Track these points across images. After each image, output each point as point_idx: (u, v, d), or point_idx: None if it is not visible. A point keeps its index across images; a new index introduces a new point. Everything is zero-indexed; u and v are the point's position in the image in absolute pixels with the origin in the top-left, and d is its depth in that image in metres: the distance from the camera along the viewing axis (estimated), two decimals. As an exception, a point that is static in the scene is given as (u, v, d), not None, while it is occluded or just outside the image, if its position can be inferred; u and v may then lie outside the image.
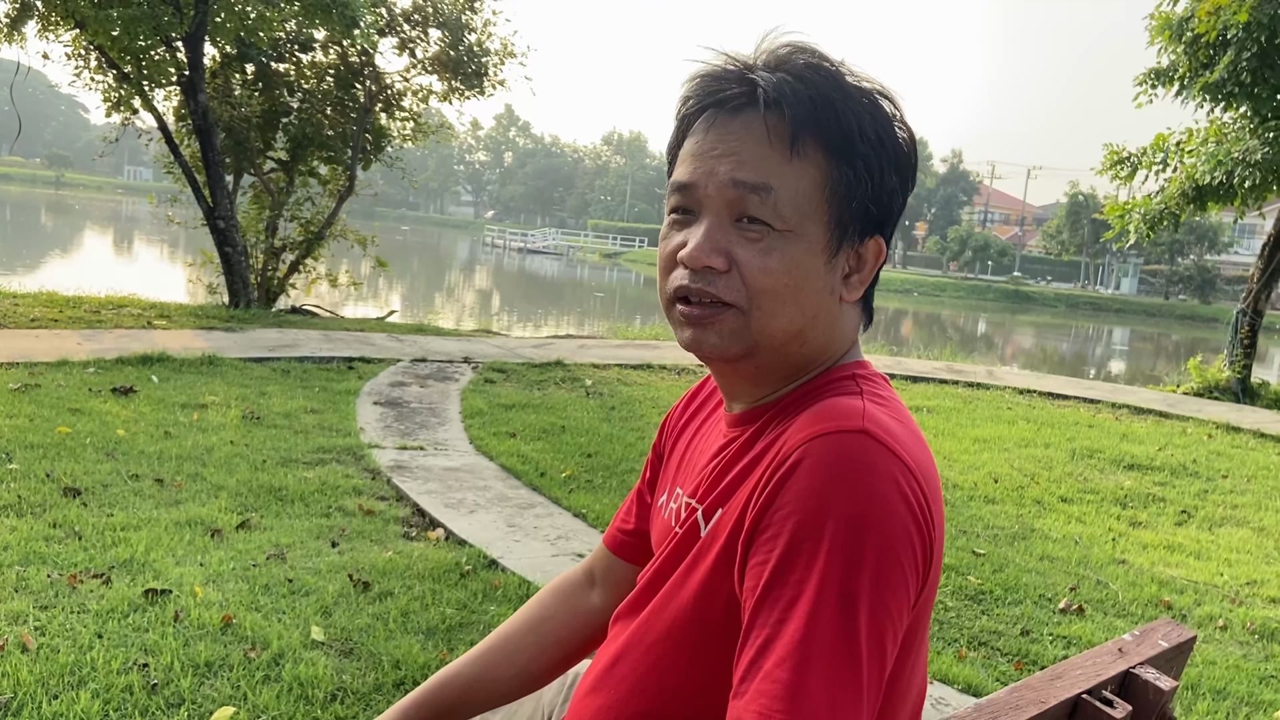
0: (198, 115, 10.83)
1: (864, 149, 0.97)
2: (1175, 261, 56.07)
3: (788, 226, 0.96)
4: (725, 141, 0.98)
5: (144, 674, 2.68)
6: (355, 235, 13.40)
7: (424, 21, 12.85)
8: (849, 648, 0.81)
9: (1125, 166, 12.02)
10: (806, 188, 0.96)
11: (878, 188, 0.99)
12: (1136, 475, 6.67)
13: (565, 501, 4.81)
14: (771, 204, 0.95)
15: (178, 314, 10.13)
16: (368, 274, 20.88)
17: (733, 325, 0.98)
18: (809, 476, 0.87)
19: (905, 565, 0.85)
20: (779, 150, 0.96)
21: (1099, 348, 35.49)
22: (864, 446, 0.87)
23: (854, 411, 0.92)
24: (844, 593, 0.82)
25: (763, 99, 0.96)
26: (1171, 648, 1.42)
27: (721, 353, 1.00)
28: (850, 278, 1.02)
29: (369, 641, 3.02)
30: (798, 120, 0.95)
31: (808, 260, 0.97)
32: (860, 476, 0.85)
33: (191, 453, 4.89)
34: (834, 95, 0.97)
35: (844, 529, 0.83)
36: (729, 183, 0.96)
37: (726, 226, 0.97)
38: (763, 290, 0.96)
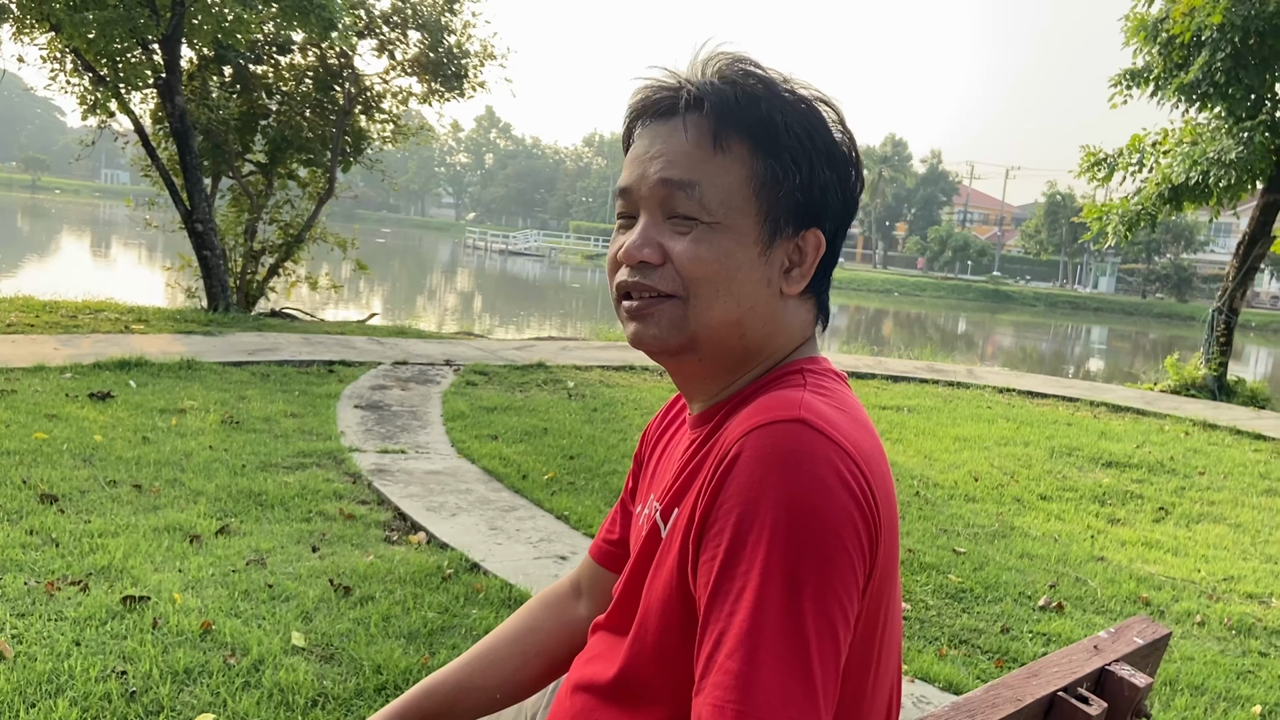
0: (175, 118, 10.77)
1: (790, 142, 1.00)
2: (1152, 260, 56.56)
3: (715, 219, 0.99)
4: (655, 144, 1.02)
5: (122, 682, 2.65)
6: (335, 238, 13.33)
7: (403, 23, 12.81)
8: (797, 633, 0.82)
9: (1102, 168, 12.12)
10: (733, 182, 0.99)
11: (807, 180, 1.01)
12: (1114, 473, 6.72)
13: (548, 504, 4.81)
14: (698, 199, 0.98)
15: (156, 318, 10.05)
16: (348, 277, 20.77)
17: (671, 315, 1.01)
18: (748, 468, 0.88)
19: (850, 548, 0.86)
20: (703, 147, 0.99)
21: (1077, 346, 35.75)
22: (799, 434, 0.88)
23: (791, 402, 0.93)
24: (788, 579, 0.83)
25: (684, 100, 1.01)
26: (1147, 645, 1.43)
27: (662, 344, 1.03)
28: (791, 271, 1.04)
29: (350, 646, 3.00)
30: (720, 116, 0.99)
31: (738, 251, 0.99)
32: (797, 464, 0.86)
33: (170, 458, 4.85)
34: (759, 92, 1.00)
35: (784, 517, 0.84)
36: (657, 182, 1.00)
37: (660, 223, 1.01)
38: (695, 279, 0.99)
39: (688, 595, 0.96)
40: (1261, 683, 3.47)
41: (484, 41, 13.25)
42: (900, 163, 74.05)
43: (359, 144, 13.38)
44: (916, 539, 4.79)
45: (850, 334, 30.19)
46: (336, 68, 13.00)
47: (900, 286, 55.72)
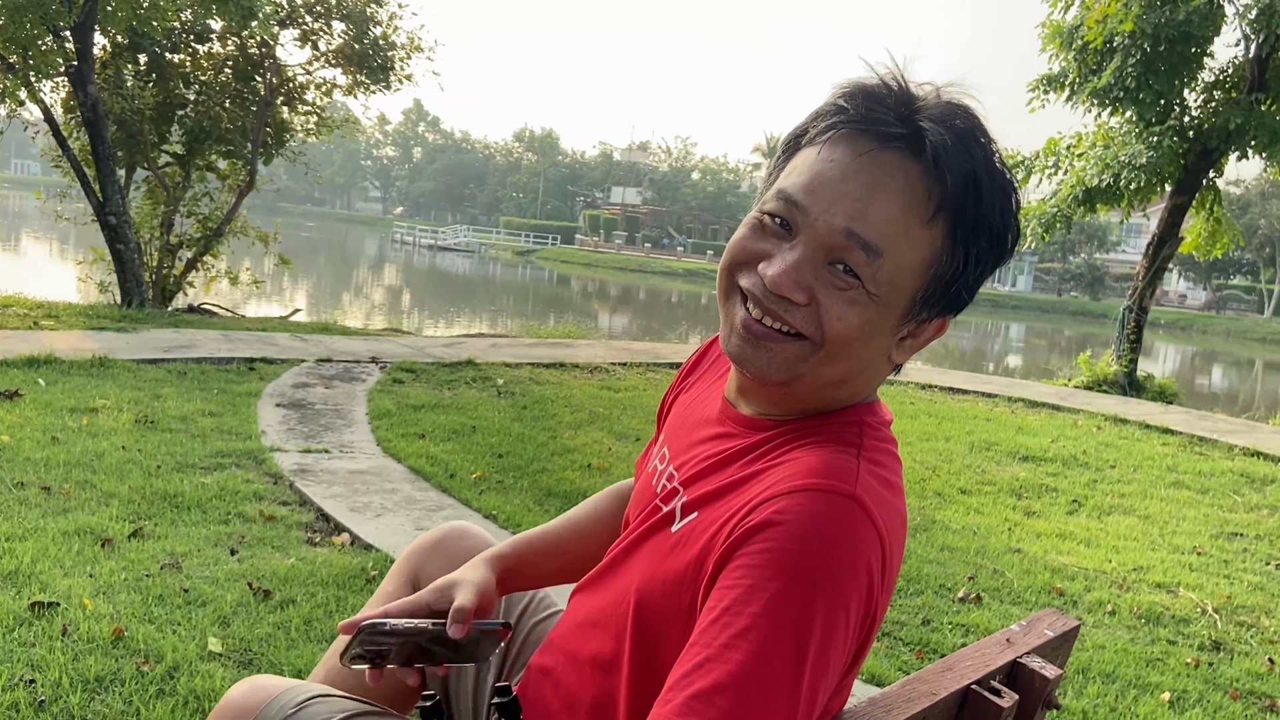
0: (87, 107, 10.41)
1: (984, 241, 0.96)
2: (1067, 260, 58.34)
3: (879, 293, 0.95)
4: (862, 177, 0.93)
5: (30, 690, 2.56)
6: (257, 232, 13.05)
7: (326, 13, 12.58)
8: (791, 690, 0.84)
9: (1020, 170, 12.48)
10: (914, 261, 0.95)
11: (976, 279, 0.99)
12: (1031, 466, 6.92)
13: (476, 503, 4.77)
14: (874, 268, 0.94)
15: (66, 314, 9.71)
16: (270, 272, 20.33)
17: (791, 355, 0.98)
18: (791, 526, 0.88)
19: (851, 627, 0.89)
20: (915, 214, 0.93)
21: (997, 343, 36.70)
22: (849, 512, 0.90)
23: (848, 473, 0.94)
24: (796, 640, 0.85)
25: (930, 153, 0.92)
26: (1057, 637, 1.47)
27: (761, 377, 1.01)
28: (905, 341, 1.03)
29: (269, 651, 2.94)
30: (949, 191, 0.93)
31: (881, 324, 0.98)
32: (837, 539, 0.88)
33: (81, 459, 4.69)
34: (982, 176, 0.94)
35: (809, 582, 0.86)
36: (843, 231, 0.93)
37: (819, 266, 0.96)
38: (835, 339, 0.96)
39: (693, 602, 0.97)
40: (1170, 670, 3.60)
41: (411, 34, 13.10)
42: (827, 162, 75.15)
43: (281, 136, 13.11)
44: (841, 534, 4.86)
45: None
46: (257, 58, 12.71)
47: (827, 284, 56.55)
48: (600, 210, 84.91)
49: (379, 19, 12.72)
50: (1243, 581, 4.76)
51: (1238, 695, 3.44)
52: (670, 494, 1.11)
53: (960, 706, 1.28)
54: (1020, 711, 1.33)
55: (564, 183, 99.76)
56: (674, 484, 1.11)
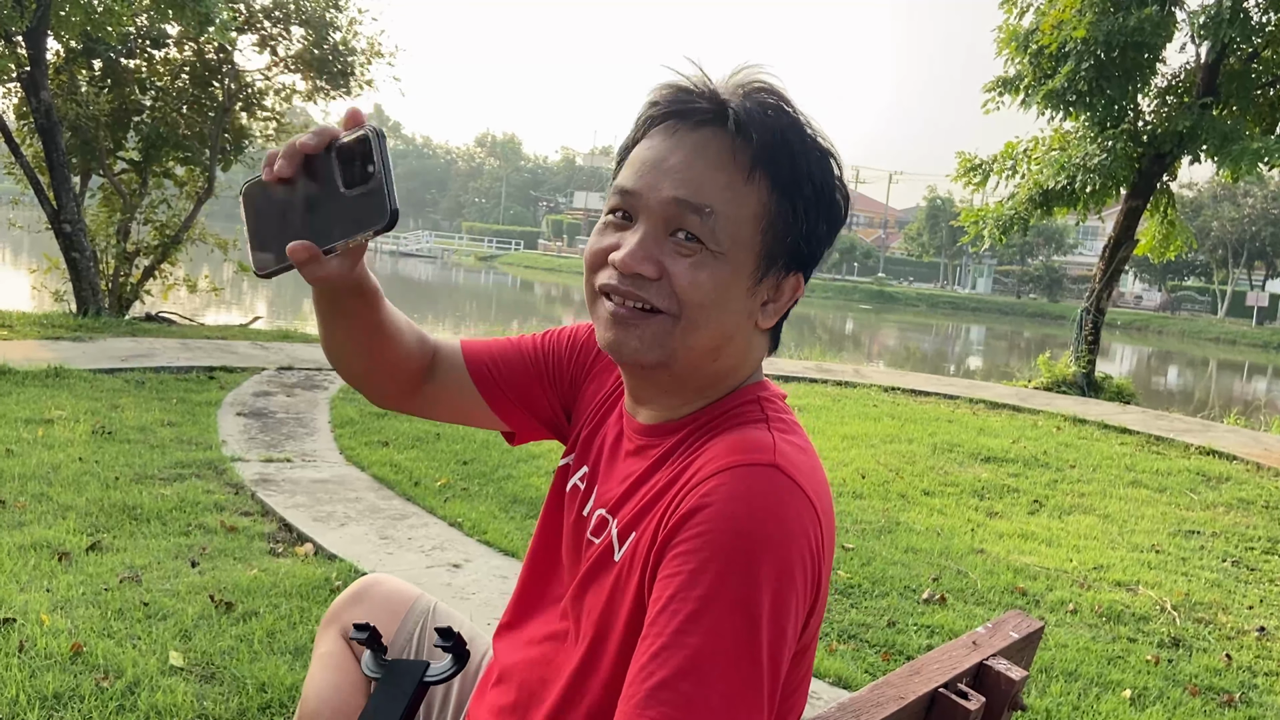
0: (40, 113, 10.24)
1: (808, 192, 1.02)
2: (1026, 262, 59.09)
3: (720, 249, 0.99)
4: (677, 154, 1.00)
5: (-16, 711, 2.51)
6: (215, 239, 12.88)
7: (285, 19, 12.45)
8: (752, 665, 0.85)
9: (978, 173, 12.65)
10: (745, 216, 1.00)
11: (810, 231, 1.04)
12: (992, 467, 7.00)
13: (440, 511, 4.74)
14: (710, 226, 0.99)
15: (20, 323, 9.53)
16: (230, 279, 20.07)
17: (657, 331, 1.01)
18: (721, 505, 0.91)
19: (799, 592, 0.90)
20: (733, 174, 0.99)
21: (958, 345, 37.10)
22: (774, 481, 0.92)
23: (765, 445, 0.97)
24: (747, 613, 0.86)
25: (733, 120, 0.99)
26: (1021, 638, 1.49)
27: (639, 357, 1.03)
28: (767, 305, 1.06)
29: (232, 665, 2.90)
30: (760, 148, 0.99)
31: (733, 282, 1.01)
32: (769, 509, 0.91)
33: (36, 471, 4.60)
34: (793, 138, 1.01)
35: (750, 555, 0.88)
36: (671, 200, 0.99)
37: (661, 239, 1.00)
38: (691, 302, 1.00)
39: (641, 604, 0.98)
40: (1131, 667, 3.65)
41: (370, 39, 13.05)
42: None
43: (240, 142, 12.96)
44: (807, 537, 4.88)
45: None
46: (215, 63, 12.55)
47: (790, 288, 56.86)
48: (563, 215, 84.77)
49: (339, 24, 12.62)
50: (1200, 579, 4.84)
51: (1197, 691, 3.50)
52: (601, 524, 1.12)
53: (928, 710, 1.29)
54: (987, 713, 1.34)
55: (526, 188, 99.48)
56: (602, 513, 1.12)
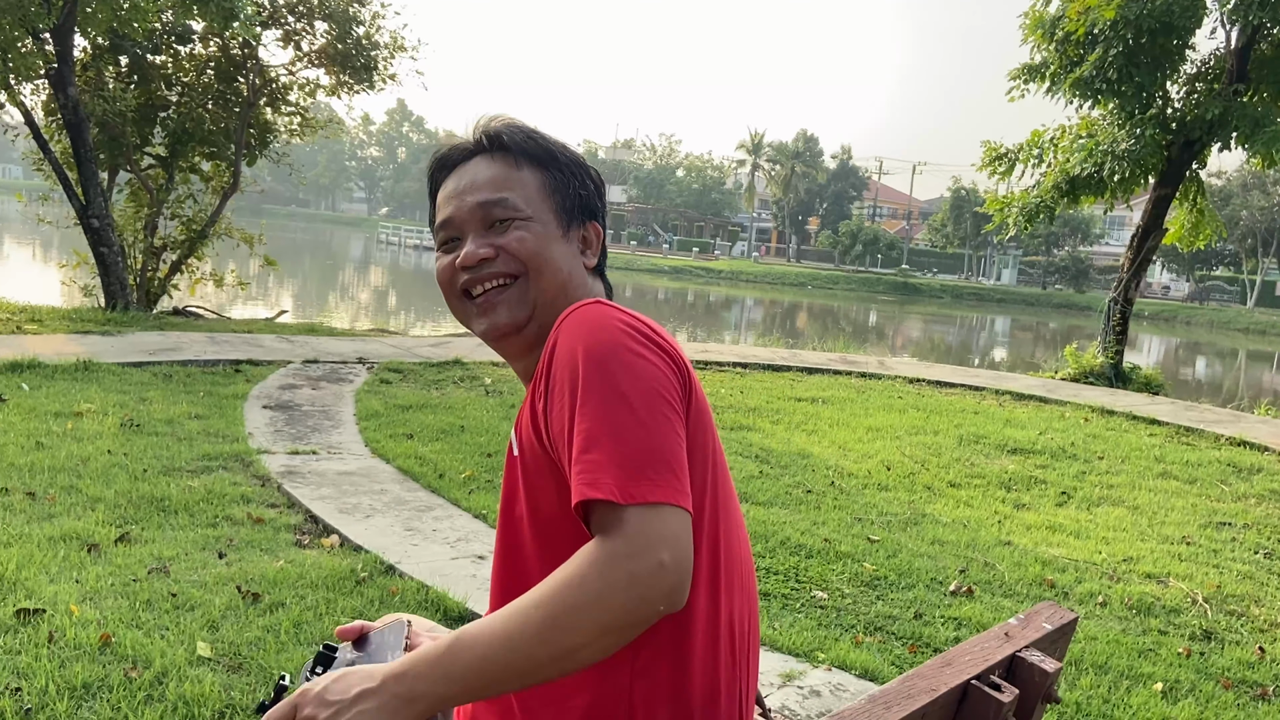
0: (68, 110, 10.32)
1: (564, 162, 1.33)
2: (1051, 253, 58.53)
3: (528, 214, 1.27)
4: (464, 179, 1.30)
5: (16, 699, 2.54)
6: (241, 233, 12.96)
7: (309, 13, 12.48)
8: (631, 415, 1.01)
9: (1003, 162, 12.51)
10: (532, 189, 1.29)
11: (579, 188, 1.33)
12: (1019, 459, 6.93)
13: (465, 503, 4.75)
14: (511, 205, 1.27)
15: (50, 318, 9.64)
16: (256, 273, 20.22)
17: (517, 293, 1.26)
18: (563, 339, 1.10)
19: (652, 360, 1.07)
20: (507, 170, 1.29)
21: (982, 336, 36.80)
22: (597, 307, 1.13)
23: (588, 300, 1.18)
24: (613, 389, 1.02)
25: (484, 141, 1.32)
26: (1055, 630, 1.47)
27: (513, 321, 1.26)
28: (585, 251, 1.33)
29: (259, 655, 2.91)
30: (516, 148, 1.30)
31: (549, 233, 1.28)
32: (598, 320, 1.10)
33: (66, 464, 4.65)
34: (532, 134, 1.33)
35: (596, 352, 1.05)
36: (475, 206, 1.27)
37: (483, 233, 1.27)
38: (526, 255, 1.25)
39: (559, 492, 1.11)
40: (1162, 660, 3.61)
41: (394, 33, 13.01)
42: (812, 158, 75.06)
43: (265, 137, 13.02)
44: (832, 528, 4.86)
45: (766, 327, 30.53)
46: (240, 58, 12.61)
47: (814, 280, 56.59)
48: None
49: (361, 19, 12.63)
50: (1232, 570, 4.78)
51: (1229, 684, 3.45)
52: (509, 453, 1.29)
53: (960, 702, 1.27)
54: (1020, 706, 1.32)
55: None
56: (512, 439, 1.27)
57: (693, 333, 24.02)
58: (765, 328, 29.21)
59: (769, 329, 28.58)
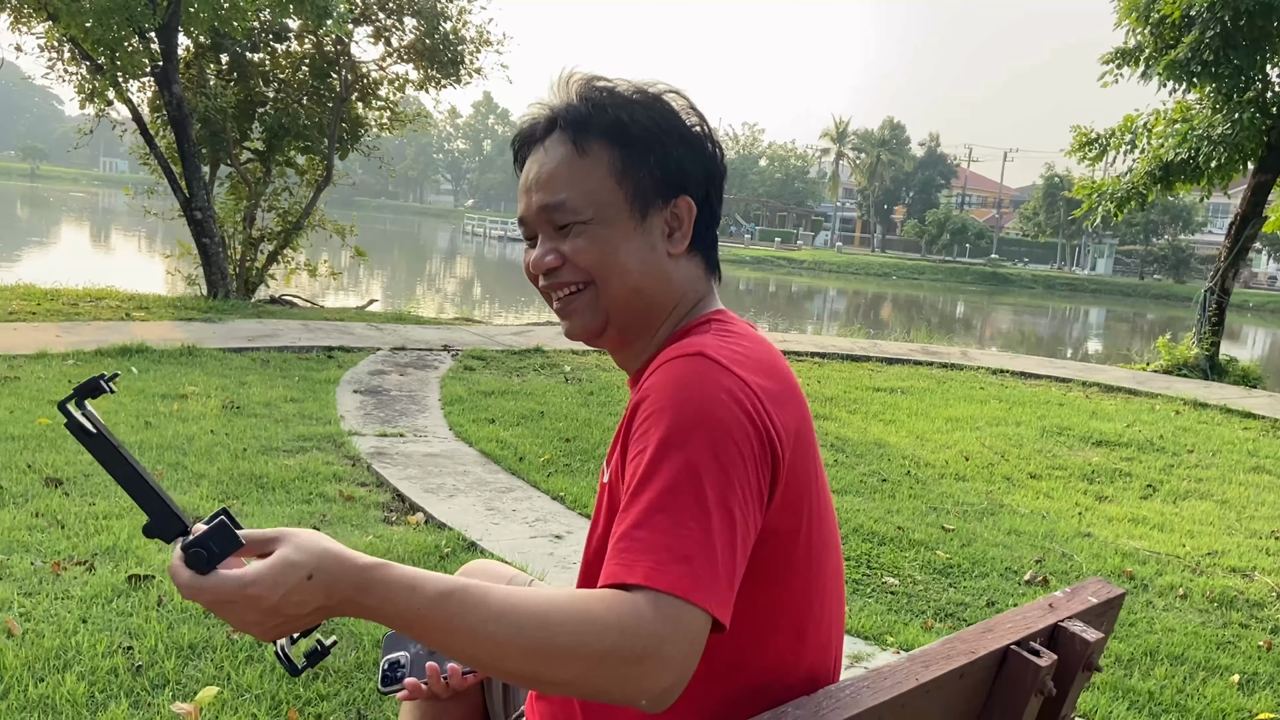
0: (172, 106, 10.80)
1: (638, 132, 1.19)
2: (1150, 242, 56.54)
3: (588, 217, 1.18)
4: (531, 170, 1.23)
5: (129, 656, 2.73)
6: (334, 225, 13.39)
7: (399, 9, 12.82)
8: (698, 508, 0.95)
9: (1094, 148, 12.19)
10: (596, 180, 1.18)
11: (661, 159, 1.20)
12: (1104, 451, 6.81)
13: (543, 485, 4.89)
14: (570, 209, 1.18)
15: (156, 305, 10.12)
16: (347, 263, 20.80)
17: (587, 301, 1.21)
18: (657, 392, 1.04)
19: (742, 449, 1.00)
20: (567, 158, 1.19)
21: (1075, 328, 35.81)
22: (698, 364, 1.05)
23: (693, 344, 1.10)
24: (688, 468, 0.97)
25: (546, 121, 1.23)
26: (1100, 603, 1.51)
27: (588, 329, 1.23)
28: (672, 235, 1.22)
29: (350, 622, 3.08)
30: (575, 128, 1.19)
31: (615, 234, 1.19)
32: (694, 384, 1.03)
33: (172, 442, 4.93)
34: (605, 100, 1.20)
35: (683, 422, 1.00)
36: (538, 210, 1.21)
37: (551, 235, 1.22)
38: (589, 264, 1.19)
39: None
40: (1241, 653, 3.55)
41: (480, 27, 13.28)
42: (898, 146, 73.88)
43: (356, 131, 13.41)
44: (906, 516, 4.87)
45: (849, 317, 30.23)
46: (333, 55, 13.02)
47: (899, 270, 55.73)
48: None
49: (449, 14, 12.92)
50: (1323, 567, 4.65)
51: (1311, 679, 3.38)
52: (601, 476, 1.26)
53: (1000, 666, 1.33)
54: (1060, 672, 1.37)
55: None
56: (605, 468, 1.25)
57: (774, 323, 23.93)
58: (847, 318, 28.90)
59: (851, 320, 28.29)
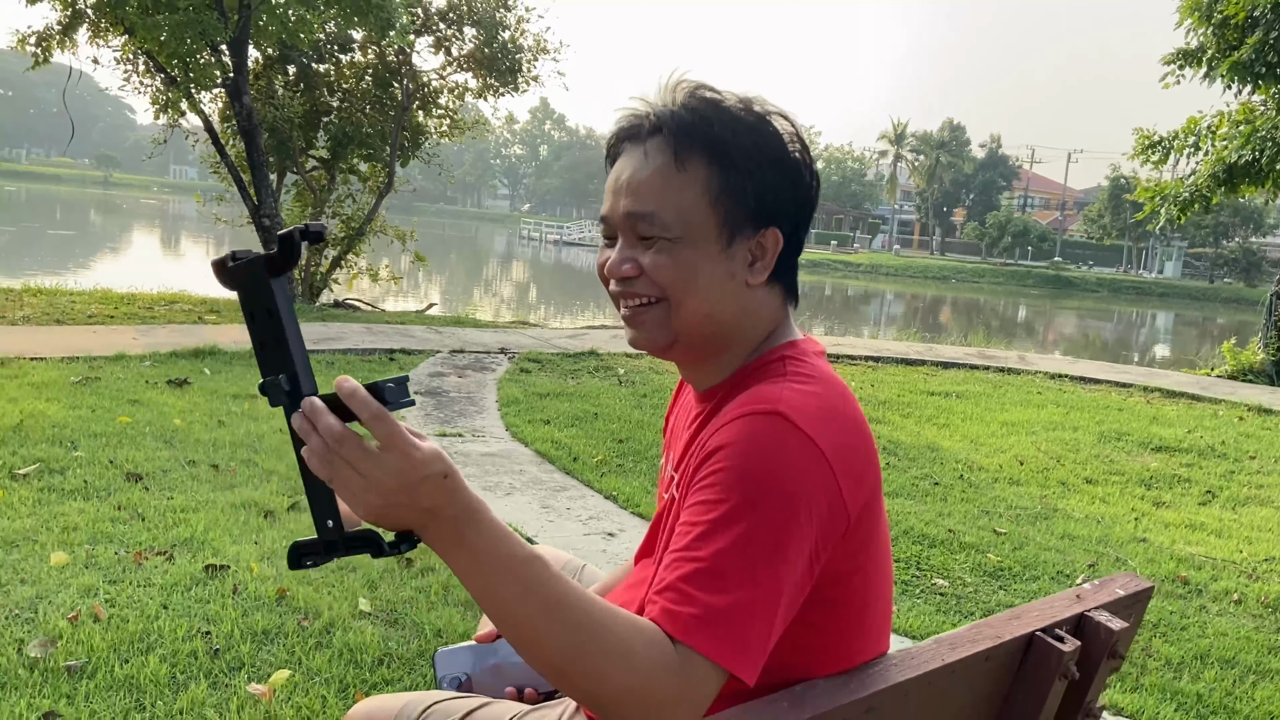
0: (242, 116, 11.14)
1: (740, 156, 1.16)
2: (1220, 244, 55.08)
3: (675, 235, 1.15)
4: (624, 172, 1.19)
5: (207, 640, 2.89)
6: (395, 230, 13.69)
7: (459, 20, 13.08)
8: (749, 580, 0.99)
9: (1156, 150, 11.99)
10: (690, 198, 1.15)
11: (759, 187, 1.17)
12: (1163, 457, 6.73)
13: (597, 485, 5.00)
14: (658, 224, 1.15)
15: (227, 309, 10.45)
16: (407, 268, 21.19)
17: (656, 317, 1.19)
18: (731, 450, 1.05)
19: (805, 525, 1.03)
20: (664, 170, 1.16)
21: (1142, 332, 35.05)
22: (774, 426, 1.06)
23: (773, 397, 1.09)
24: (748, 537, 1.00)
25: (650, 126, 1.18)
26: (1128, 595, 1.56)
27: (652, 343, 1.21)
28: (754, 264, 1.20)
29: (412, 612, 3.22)
30: (678, 139, 1.16)
31: (698, 256, 1.16)
32: (769, 452, 1.04)
33: (244, 440, 5.14)
34: (712, 115, 1.17)
35: (753, 491, 1.02)
36: (624, 215, 1.17)
37: (633, 243, 1.18)
38: (665, 284, 1.16)
39: None
40: (1294, 658, 3.53)
41: (537, 36, 13.49)
42: (958, 148, 72.95)
43: (417, 138, 13.70)
44: (958, 519, 4.90)
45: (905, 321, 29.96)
46: (395, 65, 13.32)
47: (958, 273, 55.02)
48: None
49: (507, 23, 13.15)
50: (1387, 575, 4.57)
51: (1367, 686, 3.36)
52: (669, 481, 1.30)
53: (1025, 651, 1.40)
54: (1084, 659, 1.43)
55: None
56: (672, 472, 1.30)
57: (829, 327, 23.83)
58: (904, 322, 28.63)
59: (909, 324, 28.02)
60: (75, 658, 2.71)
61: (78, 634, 2.83)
